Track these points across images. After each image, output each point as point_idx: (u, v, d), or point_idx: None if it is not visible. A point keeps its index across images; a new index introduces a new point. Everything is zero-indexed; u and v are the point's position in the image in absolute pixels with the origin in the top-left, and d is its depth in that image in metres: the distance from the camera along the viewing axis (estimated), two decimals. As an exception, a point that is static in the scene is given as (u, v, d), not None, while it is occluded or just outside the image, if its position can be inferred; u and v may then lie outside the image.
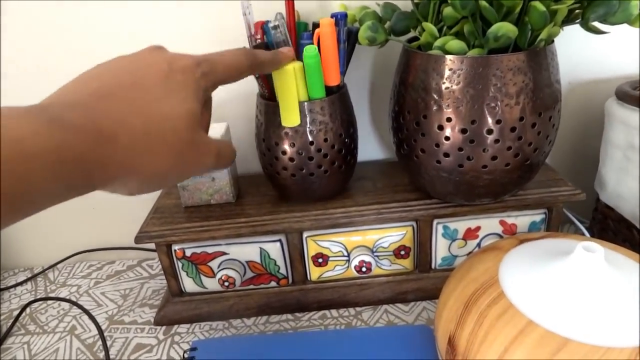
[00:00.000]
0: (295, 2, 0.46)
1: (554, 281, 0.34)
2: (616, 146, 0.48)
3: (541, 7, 0.35)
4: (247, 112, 0.56)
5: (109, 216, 0.63)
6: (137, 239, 0.48)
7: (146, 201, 0.59)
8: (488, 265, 0.38)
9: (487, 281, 0.36)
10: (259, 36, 0.45)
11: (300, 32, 0.46)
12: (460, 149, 0.41)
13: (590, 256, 0.33)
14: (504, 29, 0.36)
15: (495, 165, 0.41)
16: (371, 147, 0.60)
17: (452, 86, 0.39)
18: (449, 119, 0.40)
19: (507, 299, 0.34)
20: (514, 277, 0.35)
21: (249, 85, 0.53)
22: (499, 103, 0.39)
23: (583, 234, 0.53)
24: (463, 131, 0.40)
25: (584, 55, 0.56)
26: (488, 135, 0.40)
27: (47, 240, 0.64)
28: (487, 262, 0.38)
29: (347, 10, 0.48)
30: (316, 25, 0.46)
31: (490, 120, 0.39)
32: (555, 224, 0.50)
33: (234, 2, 0.50)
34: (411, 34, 0.46)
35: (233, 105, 0.56)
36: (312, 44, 0.44)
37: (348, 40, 0.46)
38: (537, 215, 0.49)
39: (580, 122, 0.59)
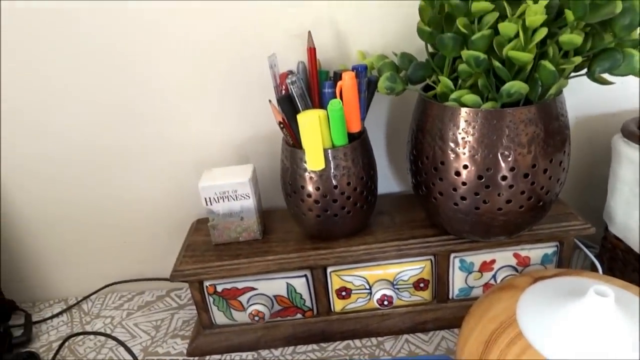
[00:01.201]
0: (316, 51, 0.49)
1: (568, 322, 0.36)
2: (623, 181, 0.51)
3: (551, 66, 0.38)
4: (270, 150, 0.59)
5: (138, 249, 0.66)
6: (172, 277, 0.51)
7: (173, 234, 0.63)
8: (506, 305, 0.40)
9: (505, 320, 0.39)
10: (283, 87, 0.48)
11: (321, 81, 0.49)
12: (476, 194, 0.44)
13: (602, 300, 0.35)
14: (516, 87, 0.39)
15: (510, 207, 0.44)
16: (387, 180, 0.63)
17: (467, 136, 0.42)
18: (465, 166, 0.43)
19: (525, 339, 0.36)
20: (530, 317, 0.38)
21: (271, 125, 0.57)
22: (512, 152, 0.42)
23: (593, 263, 0.56)
24: (479, 177, 0.43)
25: (591, 89, 0.58)
26: (502, 181, 0.43)
27: (78, 273, 0.67)
28: (504, 300, 0.41)
29: (365, 57, 0.51)
30: (337, 74, 0.49)
31: (504, 167, 0.42)
32: (566, 256, 0.52)
33: (261, 52, 0.53)
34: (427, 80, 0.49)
35: (256, 144, 0.59)
36: (333, 91, 0.47)
37: (368, 89, 0.49)
38: (549, 248, 0.52)
39: (588, 154, 0.61)
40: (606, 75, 0.41)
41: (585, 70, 0.42)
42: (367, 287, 0.53)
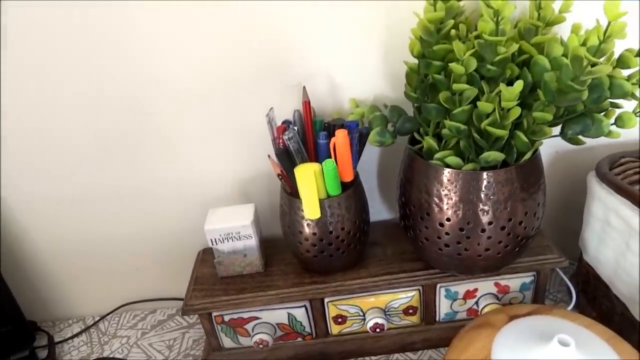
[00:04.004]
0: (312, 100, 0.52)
1: (535, 366, 0.41)
2: (595, 217, 0.55)
3: (524, 138, 0.42)
4: (270, 188, 0.63)
5: (149, 272, 0.71)
6: (184, 312, 0.56)
7: (180, 260, 0.68)
8: (483, 344, 0.46)
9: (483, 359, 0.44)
10: (281, 140, 0.52)
11: (316, 131, 0.53)
12: (458, 242, 0.48)
13: (564, 349, 0.40)
14: (493, 156, 0.43)
15: (489, 254, 0.48)
16: (379, 208, 0.67)
17: (450, 193, 0.46)
18: (448, 219, 0.47)
19: (498, 379, 0.42)
20: (504, 357, 0.43)
21: (270, 166, 0.60)
22: (490, 208, 0.46)
23: (568, 286, 0.61)
24: (460, 229, 0.47)
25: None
26: (482, 233, 0.47)
27: (95, 294, 0.72)
28: (482, 339, 0.46)
29: (358, 106, 0.54)
30: (331, 126, 0.52)
31: (483, 221, 0.46)
32: (543, 283, 0.57)
33: (261, 100, 0.56)
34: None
35: (257, 183, 0.63)
36: (328, 142, 0.51)
37: (359, 142, 0.52)
38: (527, 278, 0.57)
39: (569, 183, 0.65)
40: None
41: (559, 131, 0.45)
42: (361, 314, 0.58)
